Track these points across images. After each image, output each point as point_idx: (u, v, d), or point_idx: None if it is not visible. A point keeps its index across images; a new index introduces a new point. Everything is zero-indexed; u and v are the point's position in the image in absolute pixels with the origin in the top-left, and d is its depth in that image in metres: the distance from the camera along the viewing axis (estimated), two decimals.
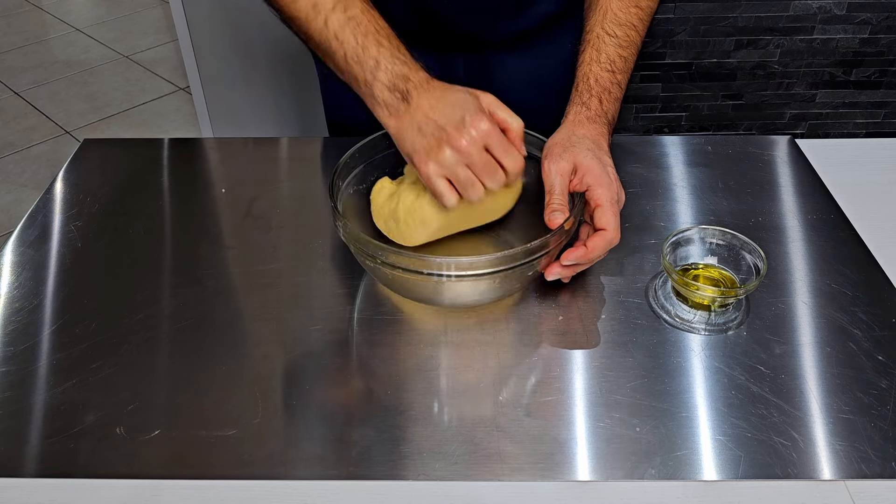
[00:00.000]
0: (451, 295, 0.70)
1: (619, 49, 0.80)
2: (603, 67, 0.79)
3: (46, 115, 2.72)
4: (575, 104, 0.78)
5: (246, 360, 0.68)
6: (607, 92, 0.78)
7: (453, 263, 0.64)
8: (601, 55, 0.79)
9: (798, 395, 0.64)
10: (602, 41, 0.80)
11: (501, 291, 0.70)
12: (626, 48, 0.80)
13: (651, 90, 2.16)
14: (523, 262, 0.65)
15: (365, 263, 0.69)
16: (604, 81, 0.78)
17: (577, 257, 0.68)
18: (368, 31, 0.70)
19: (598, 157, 0.71)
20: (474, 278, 0.65)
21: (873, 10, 2.00)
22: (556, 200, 0.69)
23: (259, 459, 0.59)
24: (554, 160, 0.71)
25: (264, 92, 2.16)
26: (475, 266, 0.64)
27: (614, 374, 0.66)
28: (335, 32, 0.71)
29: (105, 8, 3.62)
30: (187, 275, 0.77)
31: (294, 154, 0.99)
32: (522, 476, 0.58)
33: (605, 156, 0.73)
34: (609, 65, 0.79)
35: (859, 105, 2.20)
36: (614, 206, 0.69)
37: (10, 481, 0.59)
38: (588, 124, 0.75)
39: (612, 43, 0.80)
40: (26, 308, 0.73)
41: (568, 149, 0.72)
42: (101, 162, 0.97)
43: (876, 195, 0.89)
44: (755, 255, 0.72)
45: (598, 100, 0.77)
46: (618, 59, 0.79)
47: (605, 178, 0.70)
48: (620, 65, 0.79)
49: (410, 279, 0.66)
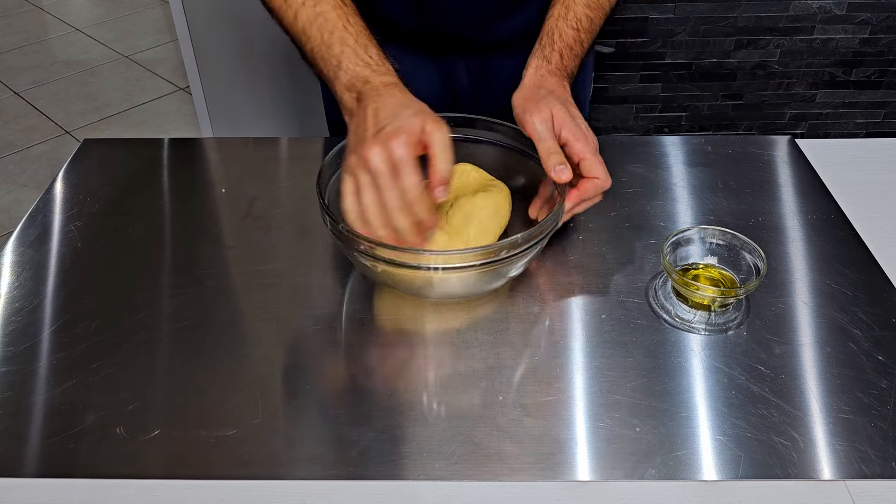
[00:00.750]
0: (441, 288, 0.70)
1: (587, 9, 0.82)
2: (569, 24, 0.80)
3: (46, 115, 2.72)
4: (536, 57, 0.79)
5: (246, 360, 0.68)
6: (569, 48, 0.80)
7: (441, 257, 0.64)
8: (569, 12, 0.81)
9: (798, 395, 0.64)
10: (573, 0, 0.82)
11: (491, 284, 0.71)
12: (594, 9, 0.82)
13: (651, 90, 2.16)
14: (510, 255, 0.66)
15: (354, 259, 0.69)
16: (567, 38, 0.80)
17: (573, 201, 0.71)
18: (335, 29, 0.70)
19: (568, 111, 0.73)
20: (461, 271, 0.65)
21: (873, 10, 2.00)
22: (549, 147, 0.71)
23: (259, 459, 0.59)
24: (531, 112, 0.72)
25: (264, 92, 2.16)
26: (462, 259, 0.64)
27: (614, 374, 0.66)
28: (303, 27, 0.72)
29: (105, 8, 3.62)
30: (187, 275, 0.77)
31: (294, 154, 0.99)
32: (522, 476, 0.58)
33: (573, 107, 0.74)
34: (575, 22, 0.81)
35: (859, 105, 2.20)
36: (597, 156, 0.71)
37: (10, 481, 0.59)
38: (549, 77, 0.77)
39: (581, 3, 0.82)
40: (26, 308, 0.73)
41: (540, 101, 0.73)
42: (101, 162, 0.97)
43: (876, 195, 0.89)
44: (755, 255, 0.72)
45: (559, 54, 0.79)
46: (584, 19, 0.81)
47: (579, 131, 0.71)
48: (586, 24, 0.81)
49: (399, 273, 0.66)
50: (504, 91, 0.99)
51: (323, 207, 0.68)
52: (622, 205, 0.86)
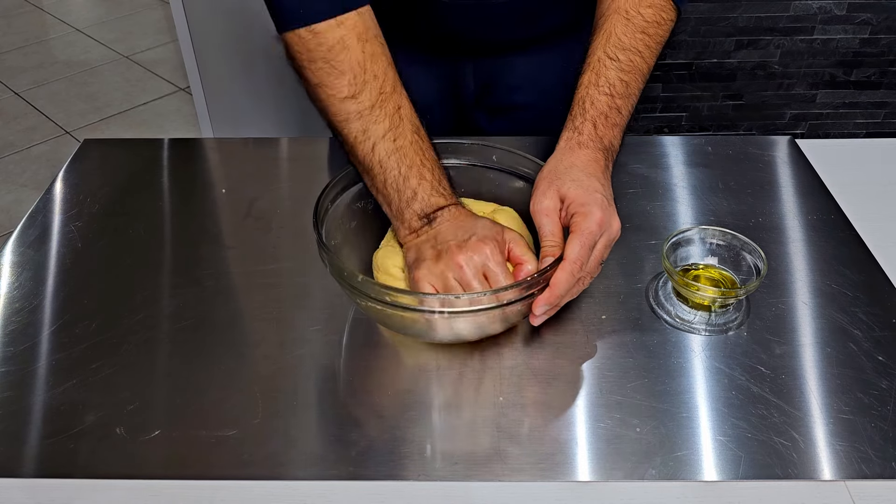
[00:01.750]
0: (443, 332, 0.66)
1: (620, 73, 0.75)
2: (601, 91, 0.74)
3: (46, 115, 2.72)
4: (567, 129, 0.74)
5: (246, 360, 0.68)
6: (603, 116, 0.73)
7: (441, 300, 0.61)
8: (600, 79, 0.74)
9: (798, 395, 0.64)
10: (602, 65, 0.75)
11: (500, 326, 0.67)
12: (628, 73, 0.75)
13: (651, 90, 2.16)
14: (516, 300, 0.62)
15: (354, 300, 0.66)
16: (600, 105, 0.73)
17: (545, 301, 0.63)
18: (413, 164, 0.70)
19: (583, 186, 0.68)
20: (468, 314, 0.62)
21: (873, 10, 2.00)
22: (549, 243, 0.66)
23: (259, 459, 0.59)
24: (538, 199, 0.68)
25: (264, 92, 2.16)
26: (465, 303, 0.61)
27: (614, 375, 0.66)
28: (380, 160, 0.70)
29: (105, 8, 3.62)
30: (187, 275, 0.77)
31: (294, 154, 0.99)
32: (522, 476, 0.58)
33: (596, 182, 0.69)
34: (608, 88, 0.74)
35: (859, 105, 2.20)
36: (584, 235, 0.64)
37: (10, 481, 0.59)
38: (578, 150, 0.71)
39: (613, 66, 0.75)
40: (26, 308, 0.73)
41: (553, 182, 0.69)
42: (101, 162, 0.97)
43: (876, 195, 0.89)
44: (755, 255, 0.72)
45: (591, 124, 0.73)
46: (618, 83, 0.74)
47: (588, 206, 0.66)
48: (621, 89, 0.74)
49: (398, 315, 0.63)
50: (509, 92, 0.99)
51: (321, 245, 0.65)
52: (622, 205, 0.86)
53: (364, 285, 0.62)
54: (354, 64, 0.70)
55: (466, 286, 0.64)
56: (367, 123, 0.70)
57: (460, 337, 0.67)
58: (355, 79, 0.70)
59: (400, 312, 0.62)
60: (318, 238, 0.67)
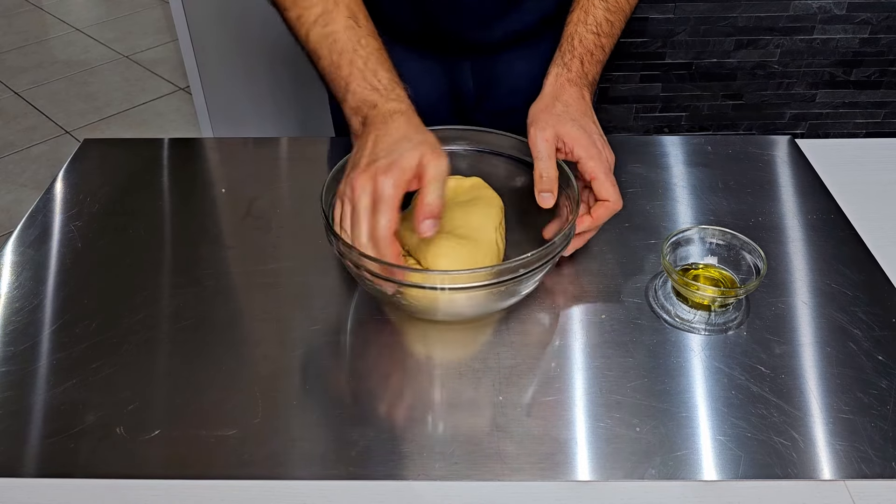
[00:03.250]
0: (445, 308, 0.68)
1: (606, 13, 0.80)
2: (588, 29, 0.79)
3: (46, 115, 2.72)
4: (556, 65, 0.78)
5: (246, 360, 0.68)
6: (590, 54, 0.78)
7: (447, 277, 0.63)
8: (588, 17, 0.80)
9: (798, 395, 0.64)
10: (591, 3, 0.80)
11: (500, 303, 0.69)
12: (614, 13, 0.80)
13: (651, 90, 2.16)
14: (520, 276, 0.64)
15: (359, 278, 0.68)
16: (588, 43, 0.78)
17: (586, 227, 0.72)
18: (344, 50, 0.70)
19: (583, 126, 0.72)
20: (464, 291, 0.63)
21: (873, 10, 2.00)
22: (542, 168, 0.70)
23: (259, 459, 0.59)
24: (539, 128, 0.72)
25: (264, 92, 2.16)
26: (471, 278, 0.62)
27: (614, 374, 0.66)
28: (314, 47, 0.72)
29: (105, 8, 3.62)
30: (187, 275, 0.77)
31: (294, 154, 0.99)
32: (522, 476, 0.58)
33: (590, 122, 0.74)
34: (595, 27, 0.79)
35: (859, 105, 2.20)
36: (610, 176, 0.71)
37: (10, 481, 0.59)
38: (569, 87, 0.75)
39: (601, 6, 0.80)
40: (26, 308, 0.73)
41: (552, 117, 0.72)
42: (101, 162, 0.97)
43: (876, 195, 0.89)
44: (755, 255, 0.72)
45: (579, 61, 0.77)
46: (604, 23, 0.79)
47: (593, 148, 0.71)
48: (606, 28, 0.79)
49: (408, 294, 0.64)
50: (508, 93, 0.99)
51: (328, 227, 0.67)
52: None
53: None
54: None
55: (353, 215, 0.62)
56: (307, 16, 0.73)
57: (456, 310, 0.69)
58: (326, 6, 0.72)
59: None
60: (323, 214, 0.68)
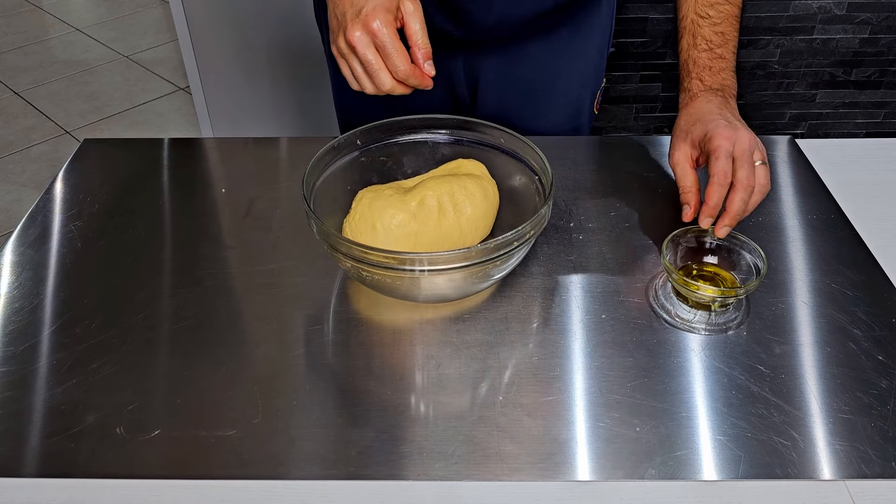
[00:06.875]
0: (426, 290, 0.70)
1: (713, 28, 0.82)
2: (700, 49, 0.82)
3: (46, 115, 2.72)
4: (680, 93, 0.83)
5: (246, 360, 0.68)
6: (707, 69, 0.81)
7: (426, 259, 0.64)
8: (696, 39, 0.83)
9: (798, 394, 0.64)
10: (696, 25, 0.83)
11: (478, 285, 0.71)
12: (720, 24, 0.83)
13: (651, 90, 2.16)
14: (493, 257, 0.66)
15: (339, 262, 0.69)
16: (702, 62, 0.82)
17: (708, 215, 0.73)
18: None
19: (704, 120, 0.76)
20: (444, 273, 0.65)
21: (873, 10, 2.00)
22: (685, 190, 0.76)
23: (259, 459, 0.59)
24: (671, 155, 0.78)
25: (264, 92, 2.16)
26: (448, 259, 0.64)
27: (614, 374, 0.66)
28: None
29: (105, 8, 3.62)
30: (187, 275, 0.77)
31: (294, 154, 0.99)
32: (522, 476, 0.58)
33: (715, 110, 0.77)
34: (706, 44, 0.82)
35: (859, 105, 2.20)
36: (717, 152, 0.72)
37: (10, 481, 0.59)
38: (692, 103, 0.80)
39: (706, 24, 0.83)
40: (26, 308, 0.73)
41: (679, 136, 0.78)
42: (101, 162, 0.97)
43: (876, 195, 0.89)
44: (755, 255, 0.72)
45: (698, 80, 0.81)
46: (714, 37, 0.82)
47: (723, 129, 0.73)
48: (718, 40, 0.82)
49: (383, 276, 0.66)
50: (503, 94, 0.99)
51: (309, 213, 0.68)
52: (622, 205, 0.86)
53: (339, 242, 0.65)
54: None
55: (367, 65, 0.68)
56: None
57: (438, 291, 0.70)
58: None
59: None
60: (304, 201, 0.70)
